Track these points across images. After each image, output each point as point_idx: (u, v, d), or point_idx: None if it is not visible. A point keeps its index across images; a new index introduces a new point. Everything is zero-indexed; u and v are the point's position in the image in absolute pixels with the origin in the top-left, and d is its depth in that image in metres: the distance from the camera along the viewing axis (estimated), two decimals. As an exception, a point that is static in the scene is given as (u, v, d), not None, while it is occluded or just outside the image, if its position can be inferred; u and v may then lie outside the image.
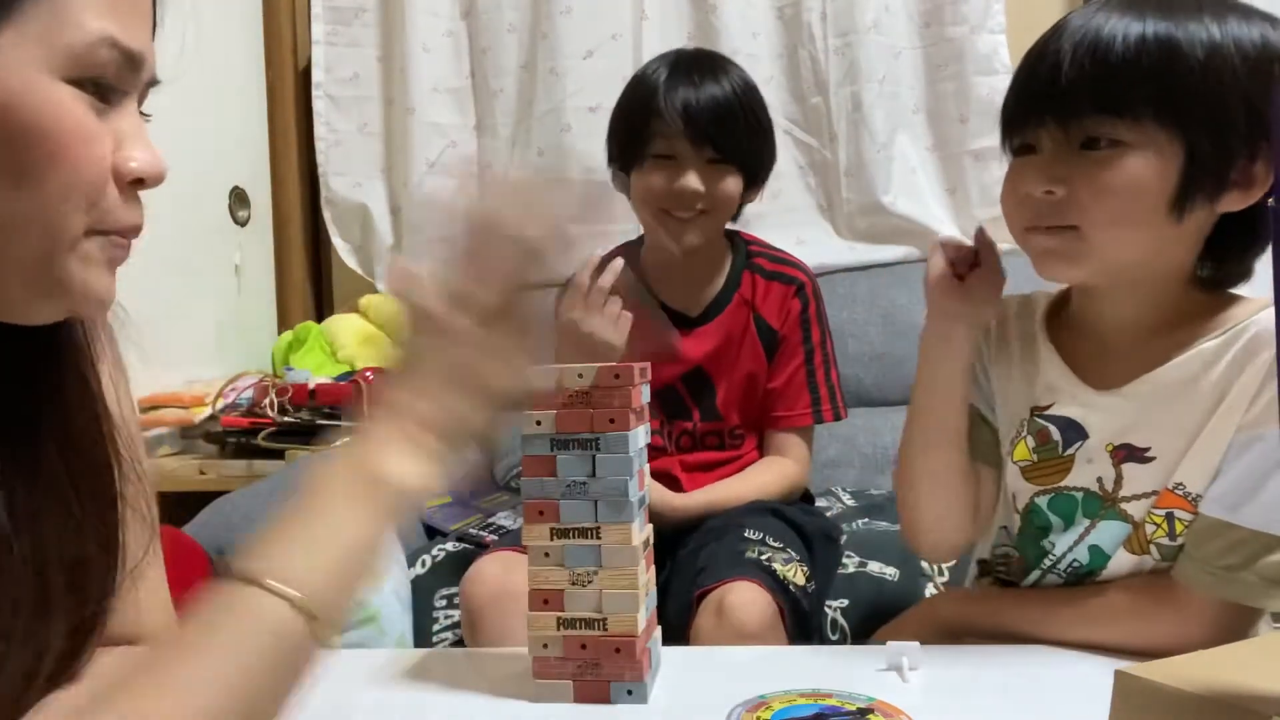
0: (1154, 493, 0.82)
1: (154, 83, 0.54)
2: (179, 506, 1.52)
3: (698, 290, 1.39)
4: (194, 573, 1.27)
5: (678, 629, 1.11)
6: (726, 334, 1.37)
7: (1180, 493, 0.81)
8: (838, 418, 1.38)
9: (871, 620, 1.25)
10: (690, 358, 1.36)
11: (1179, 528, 0.81)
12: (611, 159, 1.40)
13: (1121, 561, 0.85)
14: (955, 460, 0.91)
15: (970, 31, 2.13)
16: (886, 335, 2.06)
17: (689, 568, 1.18)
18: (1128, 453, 0.83)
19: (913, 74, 2.20)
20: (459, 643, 1.30)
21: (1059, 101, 0.76)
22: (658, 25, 2.20)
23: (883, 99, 2.16)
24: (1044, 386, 0.87)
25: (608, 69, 2.15)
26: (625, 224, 1.45)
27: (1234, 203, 0.77)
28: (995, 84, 2.12)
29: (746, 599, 1.06)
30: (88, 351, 0.60)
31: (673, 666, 0.85)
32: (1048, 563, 0.89)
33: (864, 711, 0.72)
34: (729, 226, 1.44)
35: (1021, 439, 0.89)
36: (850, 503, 1.80)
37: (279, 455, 1.82)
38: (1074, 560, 0.88)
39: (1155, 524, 0.82)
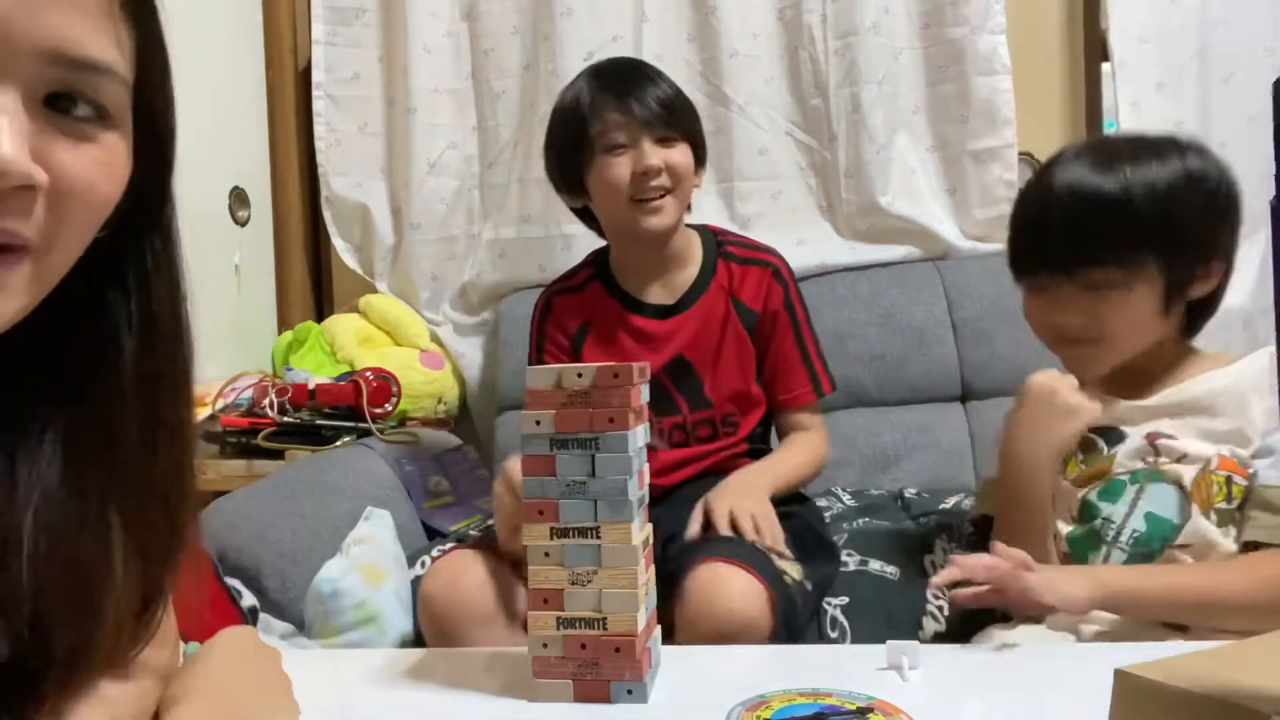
0: (1183, 455, 1.01)
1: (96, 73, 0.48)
2: (179, 506, 1.52)
3: (671, 280, 1.41)
4: (194, 573, 1.27)
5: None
6: (706, 319, 1.39)
7: (1237, 459, 1.00)
8: (833, 388, 1.45)
9: (872, 618, 1.25)
10: (670, 346, 1.37)
11: (1235, 491, 0.99)
12: (559, 182, 1.41)
13: (1198, 524, 0.99)
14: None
15: (970, 32, 2.13)
16: (886, 335, 2.06)
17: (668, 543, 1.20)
18: (1158, 435, 1.03)
19: (913, 75, 2.20)
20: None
21: (1064, 263, 1.02)
22: (658, 27, 2.20)
23: (882, 100, 2.16)
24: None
25: (608, 70, 2.16)
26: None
27: (1199, 290, 1.05)
28: (995, 84, 2.12)
29: (740, 587, 1.06)
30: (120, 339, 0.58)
31: (673, 666, 0.85)
32: (1109, 535, 1.02)
33: (864, 711, 0.72)
34: (711, 221, 1.46)
35: (1071, 458, 1.07)
36: (850, 503, 1.80)
37: (279, 455, 1.82)
38: (1134, 531, 1.01)
39: (1218, 484, 1.00)
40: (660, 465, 1.37)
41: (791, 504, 1.33)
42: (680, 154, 1.33)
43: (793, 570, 1.16)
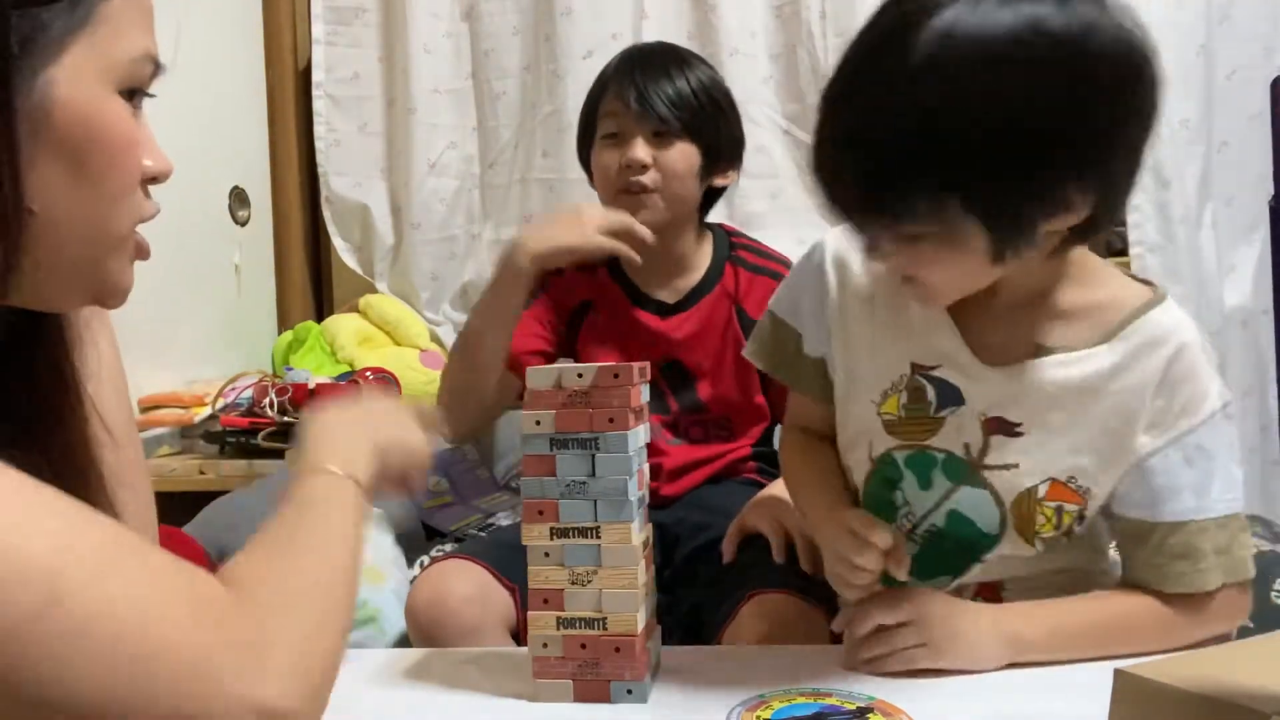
0: (1014, 465, 0.84)
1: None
2: (179, 506, 1.52)
3: (675, 278, 1.39)
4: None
5: (685, 629, 1.11)
6: (705, 323, 1.36)
7: (1073, 486, 0.85)
8: None
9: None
10: (666, 345, 1.36)
11: (1066, 519, 0.85)
12: (577, 155, 1.42)
13: (1007, 546, 0.87)
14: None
15: (970, 31, 2.13)
16: (886, 335, 2.05)
17: (704, 566, 1.18)
18: (998, 425, 0.84)
19: (913, 74, 2.20)
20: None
21: (855, 217, 0.79)
22: (657, 25, 2.20)
23: (883, 99, 2.16)
24: (931, 348, 0.87)
25: (608, 69, 2.15)
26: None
27: (1060, 224, 0.75)
28: (996, 83, 2.11)
29: (802, 616, 1.02)
30: (64, 343, 0.60)
31: (673, 666, 0.85)
32: (904, 522, 0.90)
33: (864, 711, 0.72)
34: (711, 220, 1.44)
35: (895, 395, 0.89)
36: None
37: (279, 455, 1.82)
38: (932, 524, 0.89)
39: (1045, 517, 0.85)
40: (667, 471, 1.36)
41: None
42: (677, 155, 1.30)
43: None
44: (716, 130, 1.34)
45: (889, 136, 0.71)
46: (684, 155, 1.31)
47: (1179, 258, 2.01)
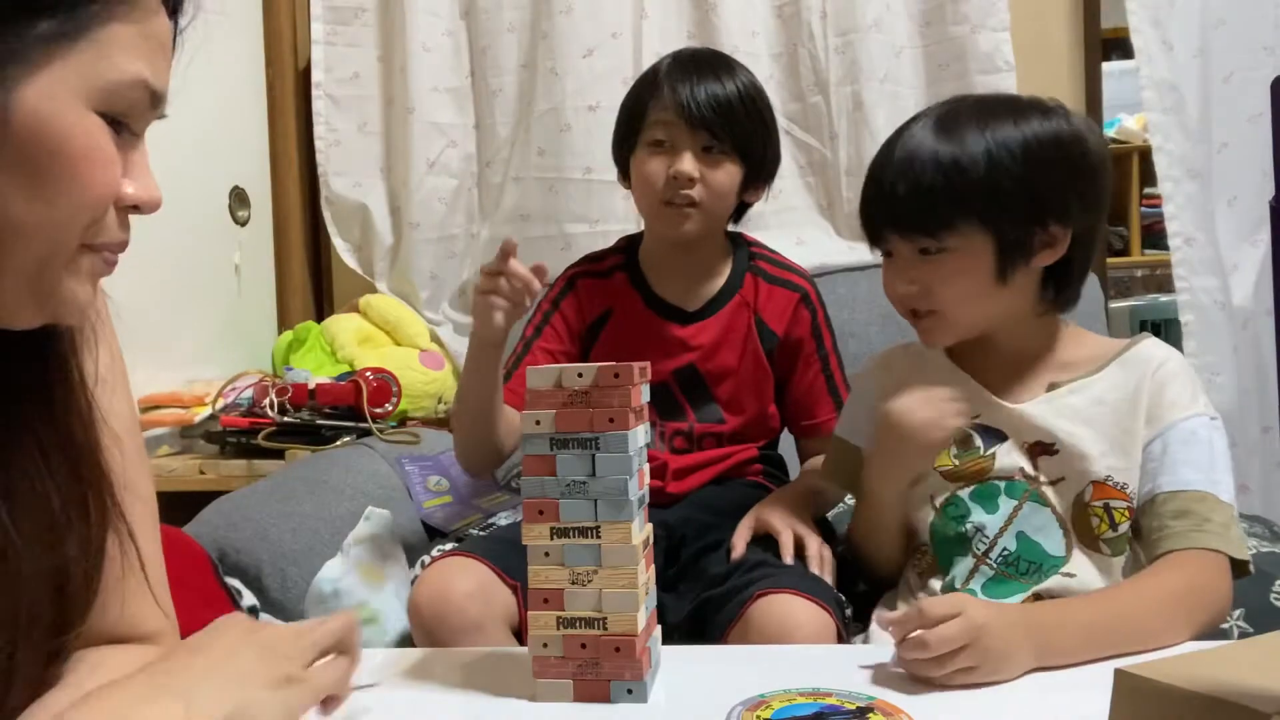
0: (1061, 479, 0.99)
1: (162, 116, 0.58)
2: (179, 506, 1.52)
3: (696, 286, 1.38)
4: (194, 573, 1.27)
5: (690, 628, 1.11)
6: (724, 332, 1.36)
7: (1112, 484, 0.97)
8: None
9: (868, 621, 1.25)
10: (685, 353, 1.36)
11: (1118, 517, 0.97)
12: (615, 159, 1.40)
13: (1080, 561, 0.98)
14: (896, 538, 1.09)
15: (972, 30, 2.13)
16: (886, 335, 2.05)
17: (710, 565, 1.18)
18: (1040, 448, 1.01)
19: (914, 73, 2.20)
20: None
21: (896, 228, 1.02)
22: (658, 24, 2.20)
23: (884, 98, 2.16)
24: (966, 403, 1.03)
25: (607, 68, 2.15)
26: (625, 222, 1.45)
27: (1046, 259, 1.00)
28: (998, 82, 2.11)
29: (812, 620, 1.01)
30: (73, 346, 0.61)
31: (673, 666, 0.85)
32: (980, 547, 1.00)
33: (864, 711, 0.72)
34: (732, 228, 1.43)
35: (945, 450, 1.04)
36: (851, 502, 1.79)
37: (279, 455, 1.82)
38: (1004, 549, 1.00)
39: (1098, 517, 0.97)
40: (673, 470, 1.36)
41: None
42: (723, 174, 1.29)
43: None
44: (762, 151, 1.34)
45: (946, 174, 0.96)
46: (729, 175, 1.31)
47: (1214, 250, 2.00)
